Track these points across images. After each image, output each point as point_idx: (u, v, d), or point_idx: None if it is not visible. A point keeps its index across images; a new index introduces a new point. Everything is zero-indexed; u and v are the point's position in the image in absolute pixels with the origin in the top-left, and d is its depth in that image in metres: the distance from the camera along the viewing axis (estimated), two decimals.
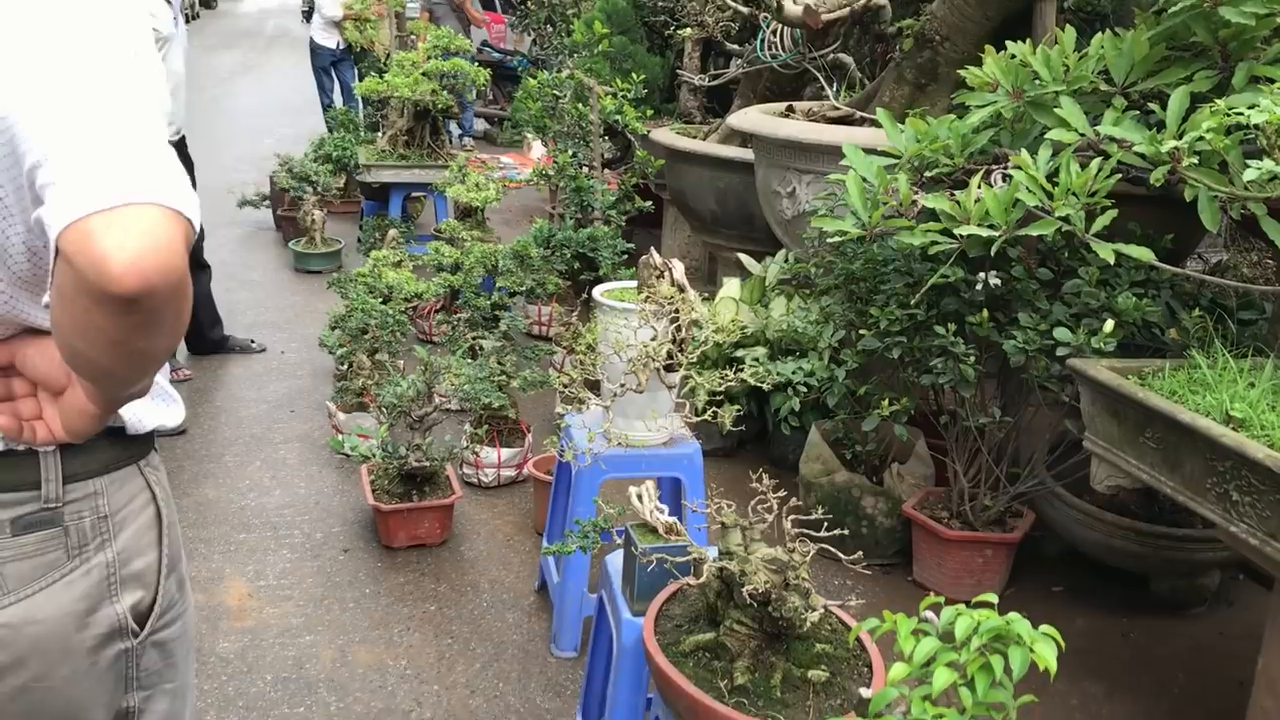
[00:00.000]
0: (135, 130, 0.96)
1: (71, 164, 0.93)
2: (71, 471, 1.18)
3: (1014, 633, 1.29)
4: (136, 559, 1.25)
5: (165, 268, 0.92)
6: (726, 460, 4.31)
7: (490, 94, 11.65)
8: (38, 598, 1.17)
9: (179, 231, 0.94)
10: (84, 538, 1.20)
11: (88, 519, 1.20)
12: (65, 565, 1.18)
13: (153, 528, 1.28)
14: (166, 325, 0.99)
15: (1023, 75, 2.86)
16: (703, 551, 2.00)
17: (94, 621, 1.21)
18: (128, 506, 1.25)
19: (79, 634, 1.20)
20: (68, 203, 0.91)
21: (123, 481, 1.24)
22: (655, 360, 2.56)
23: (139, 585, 1.25)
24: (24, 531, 1.16)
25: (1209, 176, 2.37)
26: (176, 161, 0.99)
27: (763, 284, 4.48)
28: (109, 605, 1.22)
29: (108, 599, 1.22)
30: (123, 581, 1.23)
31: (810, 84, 5.41)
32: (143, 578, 1.26)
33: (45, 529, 1.17)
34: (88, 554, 1.20)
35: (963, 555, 3.38)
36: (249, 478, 4.11)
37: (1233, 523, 2.18)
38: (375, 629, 3.18)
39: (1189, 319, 2.85)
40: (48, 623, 1.17)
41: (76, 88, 0.96)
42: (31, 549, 1.16)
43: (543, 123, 5.98)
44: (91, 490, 1.21)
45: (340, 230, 7.40)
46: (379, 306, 4.42)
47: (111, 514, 1.22)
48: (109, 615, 1.22)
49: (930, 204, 2.75)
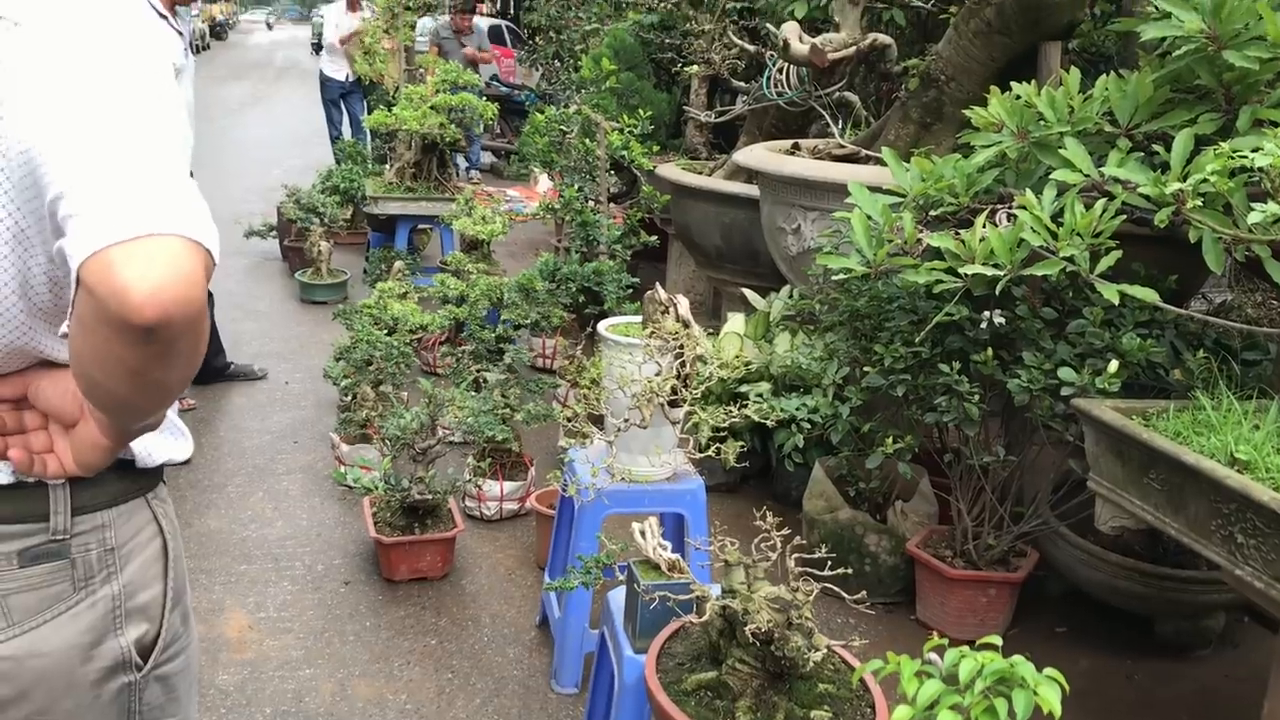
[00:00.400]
0: (157, 162, 0.97)
1: (93, 196, 0.94)
2: (80, 504, 1.18)
3: (1018, 675, 1.29)
4: (142, 592, 1.25)
5: (184, 299, 0.93)
6: (730, 496, 4.30)
7: (498, 128, 11.73)
8: (43, 630, 1.16)
9: (199, 263, 0.95)
10: (90, 570, 1.19)
11: (94, 551, 1.20)
12: (71, 597, 1.18)
13: (159, 560, 1.27)
14: (184, 356, 1.00)
15: (1028, 116, 2.88)
16: (705, 589, 1.99)
17: (98, 655, 1.20)
18: (134, 539, 1.24)
19: (83, 667, 1.19)
20: (89, 233, 0.92)
21: (130, 514, 1.24)
22: (659, 395, 2.56)
23: (144, 619, 1.25)
24: (31, 563, 1.16)
25: (1213, 218, 2.38)
26: (198, 194, 1.00)
27: (767, 320, 4.49)
28: (114, 638, 1.21)
29: (112, 632, 1.21)
30: (128, 615, 1.23)
31: (816, 122, 5.45)
32: (147, 611, 1.25)
33: (52, 561, 1.17)
34: (94, 586, 1.20)
35: (966, 594, 3.36)
36: (251, 508, 4.10)
37: (1238, 565, 2.17)
38: (375, 662, 3.16)
39: (1193, 360, 2.85)
40: (52, 655, 1.17)
41: (99, 121, 0.97)
42: (38, 581, 1.16)
43: (549, 157, 6.02)
44: (99, 523, 1.20)
45: (346, 261, 7.42)
46: (384, 338, 4.43)
47: (118, 546, 1.22)
48: (113, 648, 1.21)
49: (935, 242, 2.76)
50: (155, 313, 0.92)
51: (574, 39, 9.03)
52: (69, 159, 0.96)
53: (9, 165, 1.00)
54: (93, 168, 0.95)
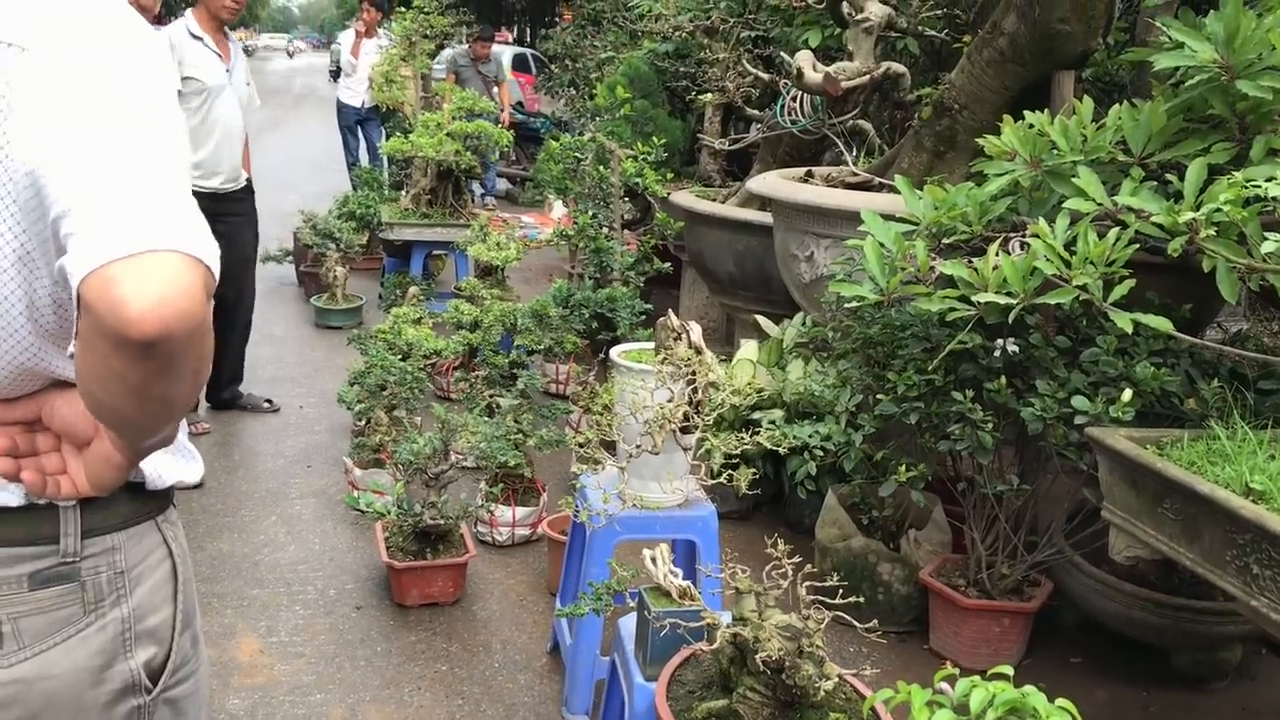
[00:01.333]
0: (155, 180, 0.99)
1: (92, 214, 0.95)
2: (90, 526, 1.19)
3: (1029, 706, 1.28)
4: (151, 615, 1.25)
5: (183, 314, 0.94)
6: (742, 523, 4.29)
7: (513, 155, 11.80)
8: (53, 653, 1.16)
9: (198, 278, 0.96)
10: (100, 593, 1.20)
11: (104, 574, 1.20)
12: (81, 620, 1.18)
13: (168, 583, 1.28)
14: (186, 372, 1.01)
15: (1041, 145, 2.89)
16: (716, 617, 1.98)
17: (108, 678, 1.20)
18: (144, 562, 1.25)
19: (93, 690, 1.19)
20: (88, 251, 0.93)
21: (140, 537, 1.25)
22: (671, 422, 2.57)
23: (153, 641, 1.25)
24: (41, 586, 1.16)
25: (1227, 248, 2.38)
26: (197, 211, 1.01)
27: (780, 346, 4.49)
28: (123, 661, 1.22)
29: (122, 655, 1.21)
30: (137, 637, 1.23)
31: (829, 149, 5.47)
32: (157, 634, 1.26)
33: (62, 584, 1.17)
34: (104, 609, 1.20)
35: (980, 624, 3.34)
36: (264, 532, 4.11)
37: (1254, 596, 2.15)
38: (386, 688, 3.16)
39: (1208, 389, 2.84)
40: (62, 678, 1.17)
41: (100, 142, 0.99)
42: (48, 604, 1.17)
43: (564, 184, 6.05)
44: (109, 545, 1.21)
45: (362, 287, 7.46)
46: (398, 363, 4.44)
47: (128, 569, 1.22)
48: (123, 671, 1.22)
49: (948, 270, 2.76)
50: (154, 327, 0.93)
51: (589, 67, 9.09)
52: (71, 179, 0.97)
53: (15, 188, 1.02)
54: (93, 187, 0.96)
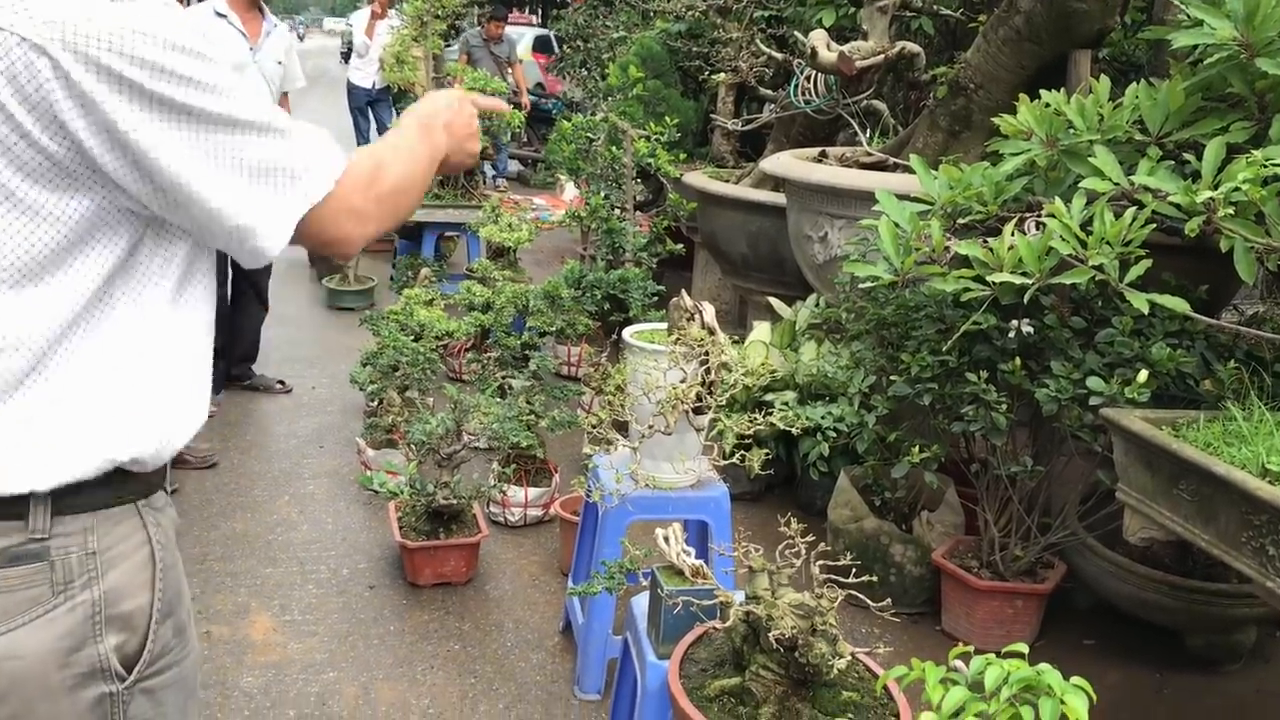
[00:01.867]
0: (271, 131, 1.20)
1: None
2: (62, 505, 1.17)
3: (1044, 683, 1.27)
4: (125, 600, 1.22)
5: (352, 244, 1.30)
6: (754, 505, 4.29)
7: (524, 136, 11.76)
8: (19, 633, 1.15)
9: (340, 209, 1.25)
10: (70, 574, 1.18)
11: (75, 555, 1.18)
12: (49, 601, 1.16)
13: (145, 569, 1.25)
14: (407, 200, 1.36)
15: (1057, 124, 2.86)
16: (729, 595, 1.98)
17: (75, 661, 1.18)
18: (119, 546, 1.22)
19: (60, 673, 1.17)
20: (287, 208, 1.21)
21: (117, 519, 1.22)
22: (684, 402, 2.56)
23: (126, 628, 1.22)
24: (9, 564, 1.14)
25: (1245, 228, 2.36)
26: (307, 131, 1.24)
27: (793, 328, 4.48)
28: (92, 645, 1.19)
29: (92, 639, 1.19)
30: (108, 621, 1.20)
31: (843, 130, 5.44)
32: (131, 620, 1.23)
33: (31, 563, 1.15)
34: (73, 591, 1.18)
35: (992, 605, 3.34)
36: (277, 512, 4.13)
37: (1269, 578, 2.14)
38: (399, 666, 3.17)
39: (1224, 370, 2.82)
40: (28, 659, 1.15)
41: None
42: (15, 582, 1.15)
43: (576, 165, 6.03)
44: (82, 525, 1.19)
45: (373, 268, 7.47)
46: (410, 344, 4.44)
47: (100, 551, 1.20)
48: (91, 656, 1.19)
49: (963, 251, 2.74)
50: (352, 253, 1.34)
51: (601, 47, 9.05)
52: None
53: None
54: None
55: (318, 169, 1.23)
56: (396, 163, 1.34)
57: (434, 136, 1.42)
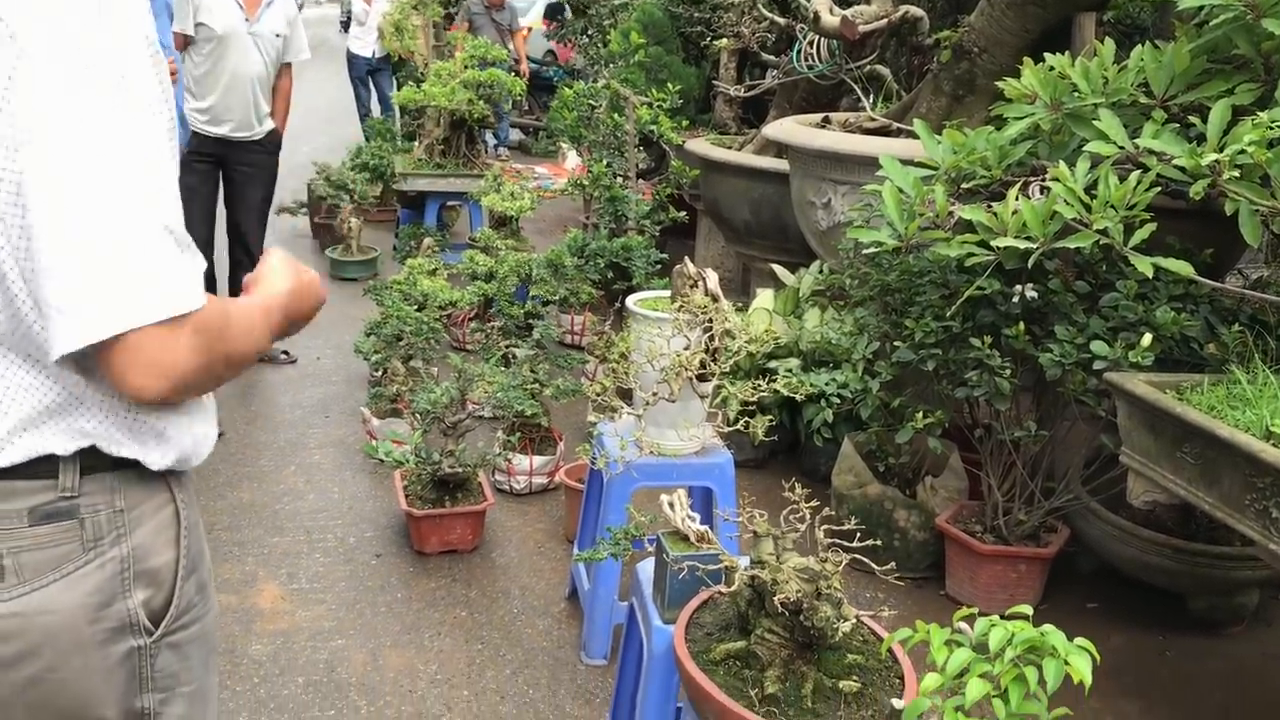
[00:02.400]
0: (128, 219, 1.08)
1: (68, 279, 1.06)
2: (90, 463, 1.20)
3: (1048, 645, 1.28)
4: (152, 557, 1.25)
5: (175, 377, 1.11)
6: (758, 471, 4.30)
7: (526, 104, 11.70)
8: (52, 589, 1.18)
9: (180, 340, 1.10)
10: (100, 531, 1.20)
11: (104, 512, 1.21)
12: (80, 558, 1.19)
13: (170, 527, 1.28)
14: (220, 368, 1.18)
15: (1061, 87, 2.85)
16: (734, 560, 1.99)
17: (106, 616, 1.21)
18: (145, 504, 1.25)
19: (91, 627, 1.20)
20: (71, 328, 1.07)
21: (141, 479, 1.25)
22: (688, 369, 2.56)
23: (153, 583, 1.26)
24: (41, 522, 1.17)
25: (1250, 190, 2.35)
26: (167, 236, 1.10)
27: (796, 295, 4.48)
28: (122, 600, 1.22)
29: (121, 594, 1.22)
30: (136, 577, 1.23)
31: (846, 95, 5.41)
32: (158, 576, 1.26)
33: (62, 520, 1.18)
34: (103, 548, 1.21)
35: (996, 570, 3.35)
36: (284, 482, 4.15)
37: (1272, 540, 2.15)
38: (406, 633, 3.20)
39: (1228, 334, 2.82)
40: (61, 614, 1.18)
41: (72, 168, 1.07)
42: (47, 540, 1.18)
43: (578, 132, 6.01)
44: (108, 485, 1.21)
45: (376, 238, 7.45)
46: (414, 314, 4.45)
47: (128, 509, 1.23)
48: (121, 611, 1.22)
49: (967, 215, 2.74)
50: (155, 395, 1.12)
51: (602, 14, 8.99)
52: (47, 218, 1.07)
53: None
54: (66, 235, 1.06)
55: None
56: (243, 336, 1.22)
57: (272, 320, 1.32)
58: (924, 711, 1.33)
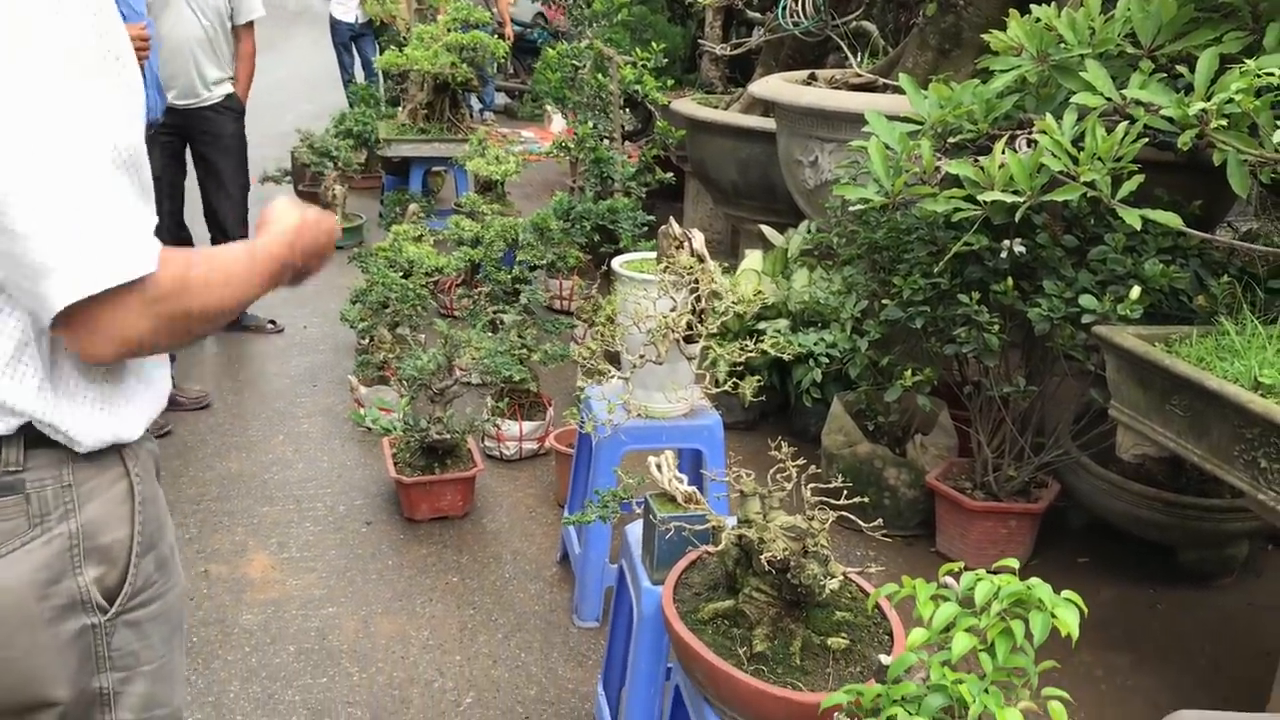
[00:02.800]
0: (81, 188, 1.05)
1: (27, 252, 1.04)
2: (35, 438, 1.17)
3: (1035, 598, 1.27)
4: (104, 533, 1.22)
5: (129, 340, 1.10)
6: (748, 433, 4.29)
7: (511, 67, 11.60)
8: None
9: (130, 305, 1.08)
10: (46, 506, 1.18)
11: (50, 487, 1.18)
12: (26, 533, 1.17)
13: (124, 503, 1.25)
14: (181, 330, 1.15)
15: (1048, 39, 2.81)
16: (721, 519, 1.98)
17: (55, 593, 1.19)
18: (96, 479, 1.22)
19: (39, 604, 1.17)
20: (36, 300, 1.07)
21: (91, 454, 1.22)
22: (674, 331, 2.54)
23: (105, 560, 1.23)
24: None
25: (1238, 139, 2.33)
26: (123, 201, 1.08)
27: (785, 255, 4.45)
28: (71, 577, 1.20)
29: (70, 571, 1.20)
30: (87, 554, 1.21)
31: (833, 52, 5.36)
32: (110, 552, 1.23)
33: (5, 495, 1.16)
34: (49, 523, 1.18)
35: (986, 526, 3.35)
36: (272, 451, 4.13)
37: (1261, 490, 2.15)
38: (398, 600, 3.19)
39: (1217, 286, 2.81)
40: (7, 590, 1.16)
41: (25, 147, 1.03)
42: None
43: (562, 94, 5.95)
44: (56, 459, 1.18)
45: (362, 205, 7.40)
46: (399, 281, 4.41)
47: (77, 484, 1.20)
48: (70, 588, 1.20)
49: (954, 170, 2.71)
50: (112, 357, 1.12)
51: None
52: None
53: None
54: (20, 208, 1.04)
55: None
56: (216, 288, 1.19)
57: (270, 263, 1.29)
58: (910, 666, 1.33)
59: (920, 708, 1.29)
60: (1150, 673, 2.96)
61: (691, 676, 1.85)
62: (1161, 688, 2.90)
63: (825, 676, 1.73)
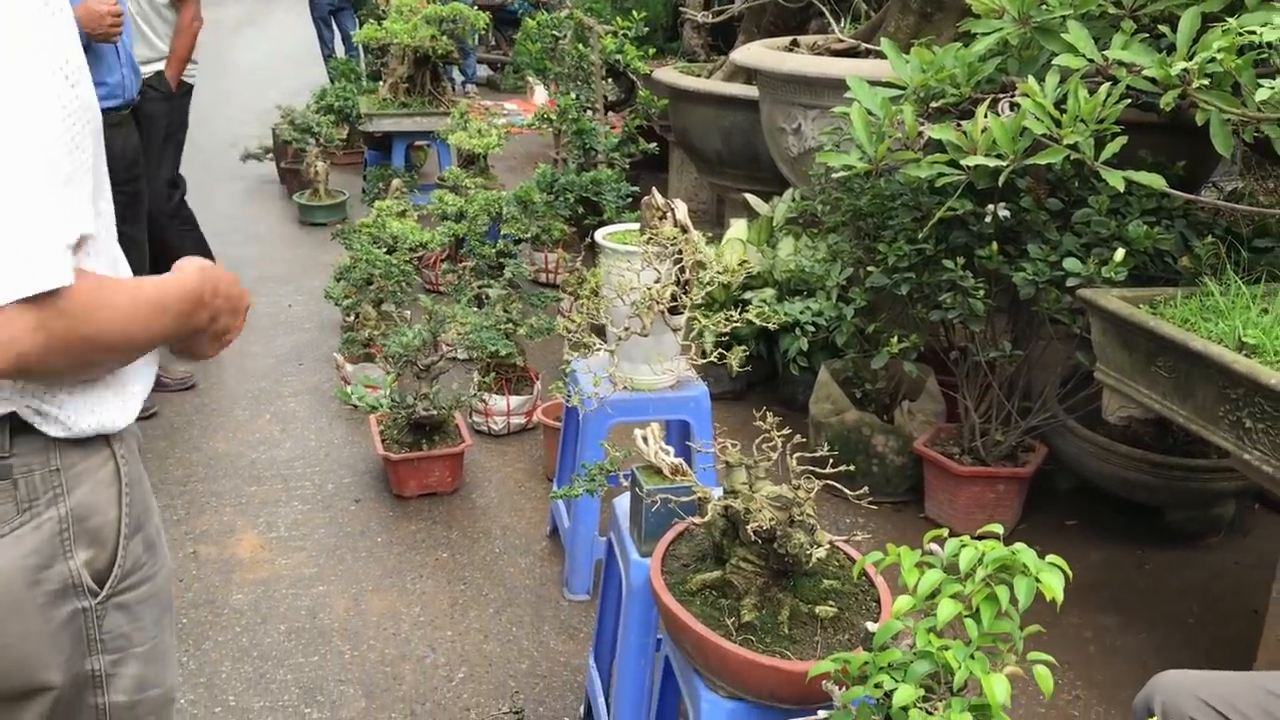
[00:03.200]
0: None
1: None
2: (21, 423, 1.15)
3: (1019, 563, 1.27)
4: (93, 516, 1.22)
5: (19, 357, 1.03)
6: (736, 403, 4.29)
7: (492, 39, 11.51)
8: None
9: (24, 325, 1.02)
10: (34, 491, 1.17)
11: (38, 472, 1.17)
12: (15, 519, 1.15)
13: (111, 485, 1.24)
14: (83, 358, 1.12)
15: (1029, 1, 2.79)
16: (707, 491, 1.98)
17: (46, 578, 1.18)
18: (83, 463, 1.21)
19: (30, 590, 1.17)
20: None
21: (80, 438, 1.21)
22: (659, 302, 2.53)
23: (95, 543, 1.22)
24: None
25: (1221, 99, 2.31)
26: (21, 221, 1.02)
27: (770, 224, 4.43)
28: (63, 561, 1.19)
29: (61, 555, 1.19)
30: (77, 538, 1.20)
31: (815, 18, 5.32)
32: (100, 535, 1.23)
33: None
34: (38, 509, 1.17)
35: (974, 491, 3.36)
36: (259, 430, 4.11)
37: (1246, 450, 2.15)
38: (388, 577, 3.19)
39: (1201, 246, 2.80)
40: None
41: None
42: None
43: (543, 64, 5.90)
44: (42, 444, 1.17)
45: (344, 182, 7.35)
46: (383, 257, 4.39)
47: (64, 469, 1.19)
48: (62, 572, 1.19)
49: (937, 135, 2.69)
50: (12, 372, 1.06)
51: None
52: None
53: None
54: None
55: None
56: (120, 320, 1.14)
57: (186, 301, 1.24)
58: (896, 634, 1.33)
59: (906, 674, 1.29)
60: (1138, 633, 2.98)
61: (680, 648, 1.85)
62: (1149, 648, 2.92)
63: (814, 645, 1.73)
